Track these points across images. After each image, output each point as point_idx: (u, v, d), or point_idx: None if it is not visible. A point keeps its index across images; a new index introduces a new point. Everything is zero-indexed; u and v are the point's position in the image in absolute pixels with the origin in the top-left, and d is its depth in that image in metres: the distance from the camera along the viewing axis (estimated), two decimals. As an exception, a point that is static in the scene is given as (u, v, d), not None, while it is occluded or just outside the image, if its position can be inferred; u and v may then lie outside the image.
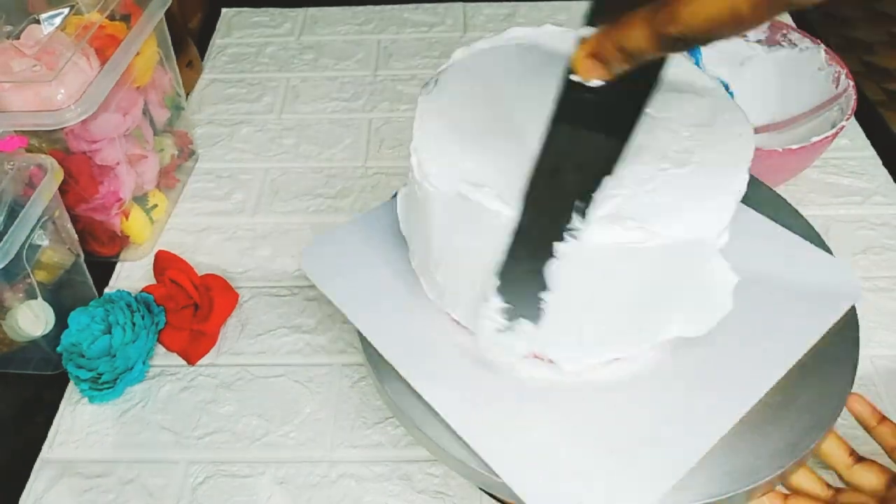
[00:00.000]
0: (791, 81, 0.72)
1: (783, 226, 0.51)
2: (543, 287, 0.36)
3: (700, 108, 0.42)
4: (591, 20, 0.29)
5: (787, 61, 0.73)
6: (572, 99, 0.29)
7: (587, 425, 0.40)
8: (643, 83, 0.29)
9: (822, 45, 0.70)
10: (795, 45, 0.72)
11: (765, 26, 0.73)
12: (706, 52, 0.72)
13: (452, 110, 0.44)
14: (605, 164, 0.30)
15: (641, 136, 0.32)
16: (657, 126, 0.41)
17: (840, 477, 0.45)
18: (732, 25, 0.24)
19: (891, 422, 0.44)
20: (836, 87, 0.68)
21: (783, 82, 0.73)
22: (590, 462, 0.39)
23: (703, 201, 0.38)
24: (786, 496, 0.44)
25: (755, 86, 0.74)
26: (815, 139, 0.62)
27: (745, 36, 0.72)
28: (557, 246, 0.33)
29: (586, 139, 0.30)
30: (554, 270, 0.35)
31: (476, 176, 0.38)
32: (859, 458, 0.44)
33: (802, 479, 0.44)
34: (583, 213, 0.32)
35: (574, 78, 0.28)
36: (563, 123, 0.30)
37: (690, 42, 0.25)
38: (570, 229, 0.33)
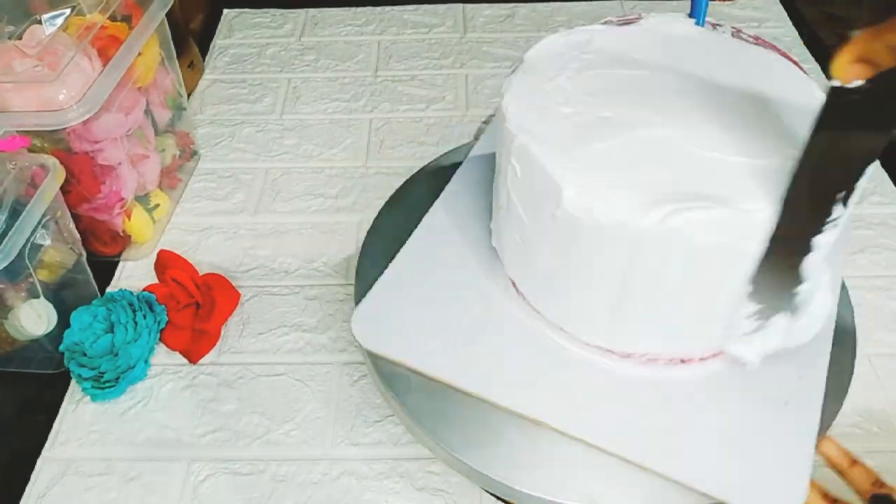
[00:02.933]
0: None
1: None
2: (799, 281, 0.37)
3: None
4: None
5: None
6: (833, 104, 0.31)
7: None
8: None
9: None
10: None
11: None
12: None
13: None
14: (869, 155, 0.32)
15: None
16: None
17: None
18: None
19: (862, 465, 0.43)
20: None
21: None
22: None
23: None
24: None
25: None
26: None
27: None
28: (816, 239, 0.35)
29: (849, 137, 0.32)
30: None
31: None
32: (833, 500, 0.43)
33: None
34: (845, 203, 0.33)
35: (835, 83, 0.30)
36: (825, 128, 0.31)
37: None
38: (831, 220, 0.34)
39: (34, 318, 0.58)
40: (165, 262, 0.66)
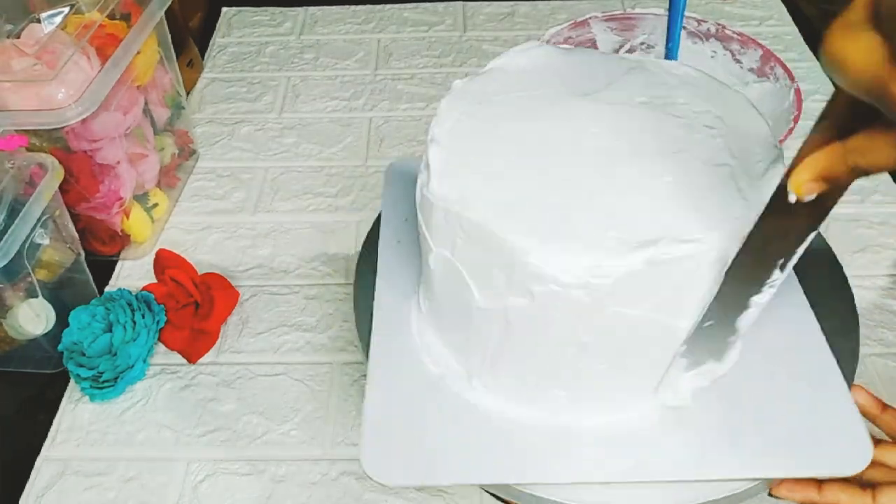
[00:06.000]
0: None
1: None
2: (733, 333, 0.40)
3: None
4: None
5: (767, 94, 0.72)
6: (781, 203, 0.32)
7: None
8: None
9: (796, 84, 0.69)
10: (778, 79, 0.71)
11: (757, 55, 0.71)
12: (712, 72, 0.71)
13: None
14: (803, 235, 0.35)
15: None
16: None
17: None
18: None
19: (894, 409, 0.45)
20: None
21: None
22: None
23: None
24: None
25: None
26: None
27: (739, 62, 0.71)
28: (754, 298, 0.38)
29: (791, 223, 0.34)
30: None
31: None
32: (877, 441, 0.43)
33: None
34: (782, 268, 0.37)
35: (791, 197, 0.31)
36: (772, 214, 0.34)
37: None
38: (770, 282, 0.37)
39: (32, 318, 0.58)
40: (164, 262, 0.66)
